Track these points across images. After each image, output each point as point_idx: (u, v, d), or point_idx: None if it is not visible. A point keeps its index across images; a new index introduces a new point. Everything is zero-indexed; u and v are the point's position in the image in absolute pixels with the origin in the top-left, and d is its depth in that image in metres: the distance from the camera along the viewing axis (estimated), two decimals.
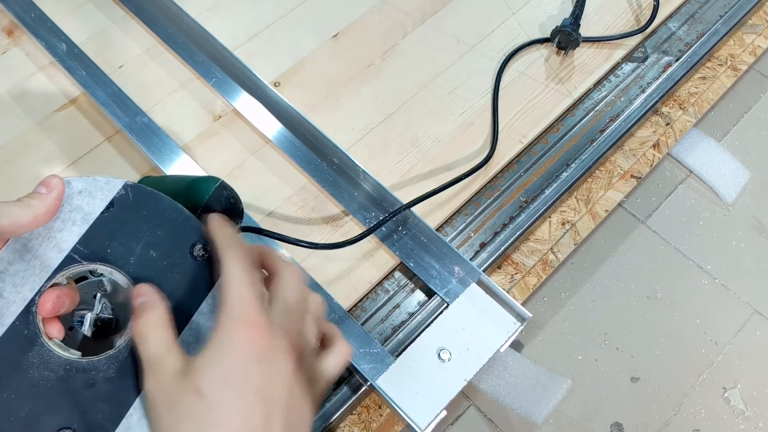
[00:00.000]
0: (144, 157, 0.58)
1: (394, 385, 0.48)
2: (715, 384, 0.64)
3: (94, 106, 0.61)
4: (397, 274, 0.56)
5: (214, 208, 0.37)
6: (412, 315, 0.54)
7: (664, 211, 0.72)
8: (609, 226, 0.70)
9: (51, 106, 0.61)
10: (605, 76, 0.67)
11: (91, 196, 0.33)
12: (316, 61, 0.65)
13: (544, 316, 0.66)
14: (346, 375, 0.52)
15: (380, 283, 0.55)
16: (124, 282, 0.34)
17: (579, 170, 0.61)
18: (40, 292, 0.32)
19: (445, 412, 0.48)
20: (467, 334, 0.50)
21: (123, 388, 0.32)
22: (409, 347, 0.50)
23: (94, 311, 0.35)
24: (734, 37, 0.73)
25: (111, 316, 0.36)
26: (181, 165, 0.57)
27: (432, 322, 0.51)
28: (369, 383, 0.49)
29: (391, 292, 0.55)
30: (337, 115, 0.62)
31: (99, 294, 0.36)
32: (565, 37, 0.65)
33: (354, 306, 0.54)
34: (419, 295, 0.55)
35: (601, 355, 0.65)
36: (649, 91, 0.65)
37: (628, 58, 0.68)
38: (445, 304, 0.53)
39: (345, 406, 0.51)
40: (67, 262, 0.32)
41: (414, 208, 0.55)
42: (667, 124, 0.67)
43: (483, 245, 0.57)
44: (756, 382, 0.64)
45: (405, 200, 0.54)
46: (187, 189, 0.37)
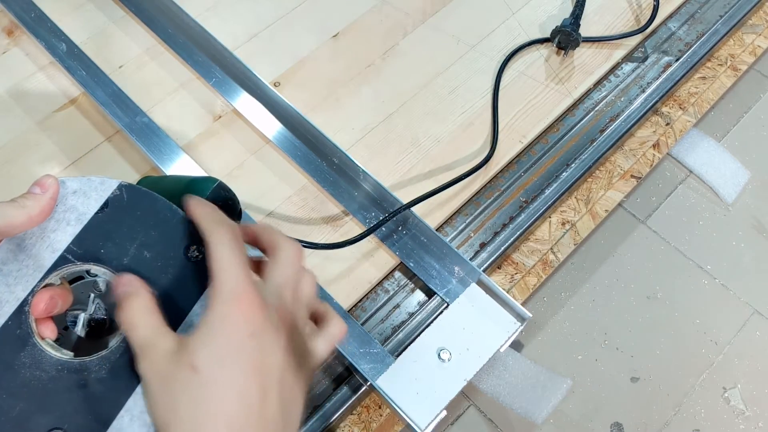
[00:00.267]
0: (144, 157, 0.58)
1: (394, 385, 0.48)
2: (715, 384, 0.64)
3: (94, 106, 0.61)
4: (397, 274, 0.56)
5: None
6: (412, 315, 0.54)
7: (664, 211, 0.72)
8: (609, 226, 0.70)
9: (51, 106, 0.61)
10: (605, 76, 0.67)
11: (86, 196, 0.33)
12: (316, 61, 0.65)
13: (544, 316, 0.66)
14: (346, 375, 0.52)
15: (380, 283, 0.55)
16: None
17: (579, 170, 0.61)
18: (33, 292, 0.32)
19: (445, 412, 0.48)
20: (467, 334, 0.50)
21: (115, 389, 0.32)
22: (409, 347, 0.50)
23: (88, 312, 0.35)
24: (734, 37, 0.73)
25: (104, 317, 0.35)
26: (181, 165, 0.57)
27: (432, 322, 0.51)
28: (369, 383, 0.49)
29: (391, 292, 0.55)
30: (337, 115, 0.62)
31: (93, 295, 0.35)
32: (565, 37, 0.65)
33: (354, 306, 0.54)
34: (419, 295, 0.55)
35: (601, 355, 0.65)
36: (649, 91, 0.65)
37: (628, 58, 0.68)
38: (445, 304, 0.53)
39: (345, 406, 0.51)
40: (61, 262, 0.32)
41: (414, 208, 0.55)
42: (667, 124, 0.67)
43: (483, 245, 0.57)
44: (756, 382, 0.64)
45: (405, 200, 0.54)
46: (185, 189, 0.37)
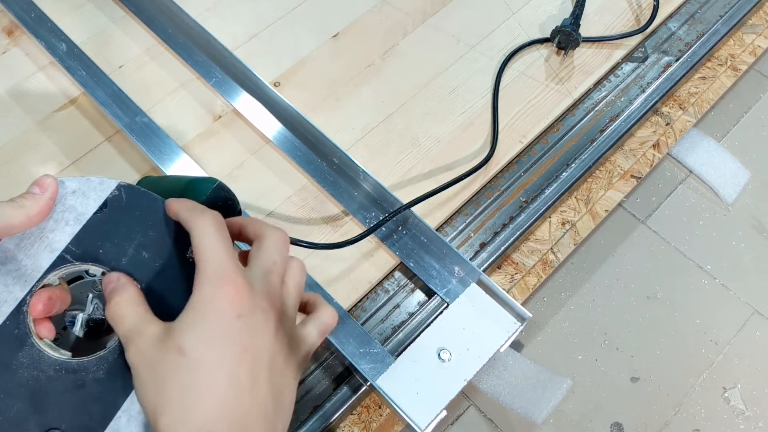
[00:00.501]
0: (144, 157, 0.58)
1: (394, 385, 0.48)
2: (715, 384, 0.64)
3: (94, 106, 0.61)
4: (397, 274, 0.56)
5: (212, 209, 0.37)
6: (412, 315, 0.54)
7: (664, 211, 0.72)
8: (609, 226, 0.70)
9: (51, 106, 0.61)
10: (605, 76, 0.67)
11: (85, 196, 0.33)
12: (316, 61, 0.65)
13: (544, 316, 0.66)
14: (346, 375, 0.52)
15: (380, 283, 0.55)
16: None
17: (579, 170, 0.61)
18: (31, 292, 0.32)
19: (445, 412, 0.48)
20: (467, 334, 0.50)
21: (112, 390, 0.32)
22: (409, 347, 0.50)
23: (86, 312, 0.35)
24: (734, 37, 0.73)
25: (103, 317, 0.35)
26: (181, 165, 0.57)
27: (432, 322, 0.51)
28: (369, 383, 0.49)
29: (391, 292, 0.55)
30: (337, 115, 0.62)
31: (91, 295, 0.35)
32: (565, 37, 0.65)
33: (354, 306, 0.54)
34: (419, 295, 0.55)
35: (601, 355, 0.65)
36: (649, 91, 0.65)
37: (628, 58, 0.68)
38: (445, 304, 0.53)
39: (345, 406, 0.51)
40: (59, 262, 0.32)
41: (414, 208, 0.55)
42: (667, 124, 0.67)
43: (483, 245, 0.57)
44: (756, 382, 0.64)
45: (405, 200, 0.54)
46: (185, 190, 0.37)
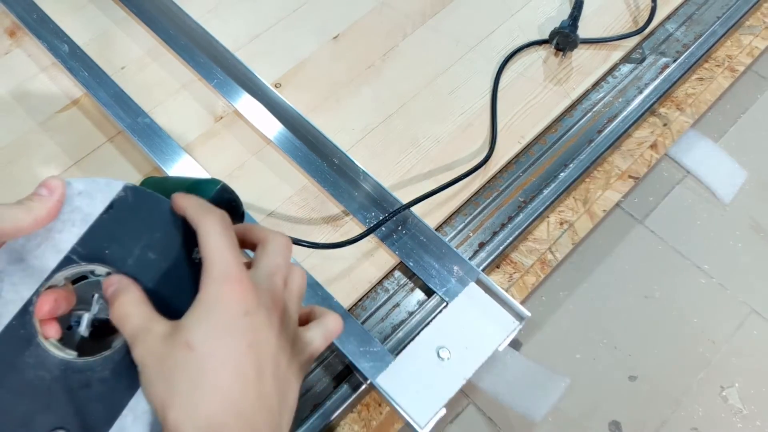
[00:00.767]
0: (146, 158, 0.58)
1: (393, 383, 0.49)
2: (713, 383, 0.64)
3: (96, 107, 0.61)
4: (397, 274, 0.56)
5: None
6: (411, 314, 0.55)
7: (662, 211, 0.72)
8: (607, 226, 0.71)
9: (53, 107, 0.61)
10: (603, 77, 0.67)
11: (91, 197, 0.33)
12: (316, 63, 0.66)
13: (543, 315, 0.67)
14: (346, 373, 0.52)
15: (380, 283, 0.56)
16: None
17: (577, 170, 0.61)
18: (37, 293, 0.32)
19: (444, 411, 0.48)
20: (466, 332, 0.51)
21: (118, 389, 0.32)
22: (409, 346, 0.50)
23: (92, 312, 0.35)
24: (731, 39, 0.73)
25: (108, 317, 0.36)
26: (183, 166, 0.57)
27: (431, 321, 0.52)
28: (369, 381, 0.49)
29: (391, 292, 0.56)
30: (337, 115, 0.63)
31: (97, 295, 0.35)
32: (564, 39, 0.65)
33: (354, 305, 0.55)
34: (419, 294, 0.56)
35: (599, 354, 0.65)
36: (646, 92, 0.66)
37: (626, 59, 0.68)
38: (445, 303, 0.54)
39: (345, 405, 0.51)
40: (66, 262, 0.32)
41: (414, 208, 0.55)
42: (665, 125, 0.67)
43: (482, 245, 0.58)
44: (753, 380, 0.64)
45: (405, 200, 0.55)
46: (188, 191, 0.37)
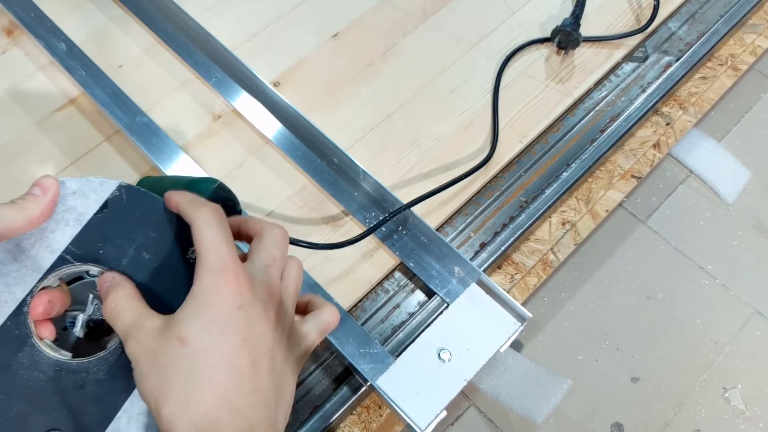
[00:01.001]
0: (144, 157, 0.58)
1: (394, 385, 0.48)
2: (716, 384, 0.64)
3: (93, 106, 0.61)
4: (397, 274, 0.56)
5: None
6: (412, 315, 0.54)
7: (665, 211, 0.72)
8: (609, 226, 0.70)
9: (50, 106, 0.61)
10: (605, 76, 0.67)
11: (85, 196, 0.33)
12: (316, 61, 0.65)
13: (545, 317, 0.66)
14: (346, 375, 0.52)
15: (380, 283, 0.55)
16: None
17: (579, 170, 0.61)
18: (32, 293, 0.32)
19: (445, 413, 0.48)
20: (467, 334, 0.50)
21: (112, 391, 0.32)
22: (409, 347, 0.50)
23: (86, 312, 0.35)
24: (734, 37, 0.73)
25: (103, 318, 0.36)
26: (181, 165, 0.57)
27: (432, 323, 0.51)
28: (369, 383, 0.49)
29: (391, 293, 0.55)
30: (337, 115, 0.62)
31: (92, 295, 0.35)
32: (566, 37, 0.65)
33: (354, 306, 0.54)
34: (419, 295, 0.55)
35: (602, 355, 0.65)
36: (649, 91, 0.65)
37: (629, 57, 0.68)
38: (445, 304, 0.53)
39: (345, 407, 0.50)
40: (60, 262, 0.32)
41: (414, 208, 0.55)
42: (668, 124, 0.67)
43: (483, 245, 0.57)
44: (756, 382, 0.64)
45: (405, 200, 0.54)
46: (185, 190, 0.37)
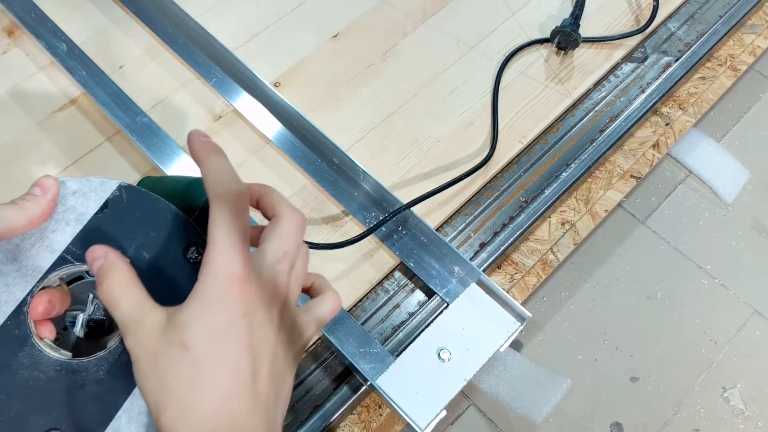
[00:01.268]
0: (144, 158, 0.58)
1: (394, 384, 0.48)
2: (715, 384, 0.64)
3: (94, 107, 0.61)
4: (397, 274, 0.56)
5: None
6: (412, 315, 0.54)
7: (664, 211, 0.72)
8: (609, 226, 0.71)
9: (51, 106, 0.61)
10: (605, 77, 0.67)
11: (85, 196, 0.33)
12: (316, 62, 0.65)
13: (544, 316, 0.66)
14: (346, 375, 0.52)
15: (380, 283, 0.55)
16: None
17: (579, 170, 0.61)
18: (32, 293, 0.32)
19: (445, 412, 0.48)
20: (467, 333, 0.50)
21: (112, 390, 0.32)
22: (409, 347, 0.50)
23: (86, 312, 0.35)
24: (734, 38, 0.73)
25: (103, 317, 0.35)
26: (182, 165, 0.57)
27: (432, 322, 0.51)
28: (369, 383, 0.49)
29: (391, 292, 0.55)
30: (337, 115, 0.62)
31: (92, 295, 0.35)
32: (565, 38, 0.65)
33: (354, 306, 0.54)
34: (419, 295, 0.55)
35: (601, 355, 0.65)
36: (648, 91, 0.65)
37: (628, 58, 0.68)
38: (445, 304, 0.53)
39: (345, 406, 0.51)
40: (60, 262, 0.32)
41: (414, 208, 0.55)
42: (667, 125, 0.67)
43: (483, 245, 0.58)
44: (756, 381, 0.64)
45: (405, 200, 0.54)
46: (185, 190, 0.37)
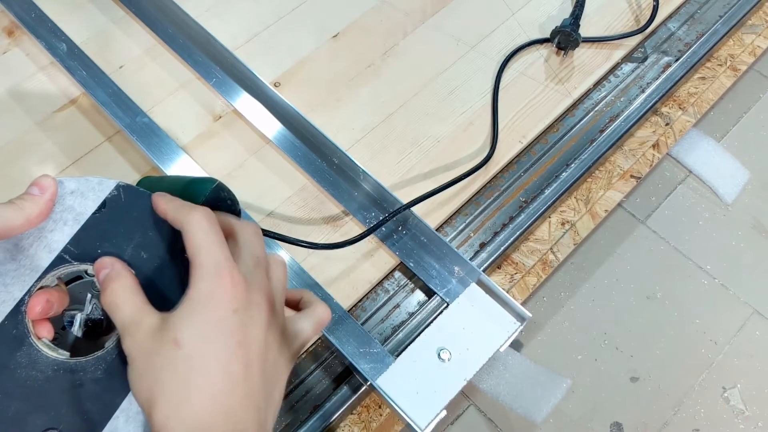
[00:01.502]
0: (144, 158, 0.58)
1: (394, 384, 0.48)
2: (715, 384, 0.64)
3: (94, 107, 0.61)
4: (397, 274, 0.56)
5: (211, 209, 0.37)
6: (412, 315, 0.54)
7: (664, 211, 0.72)
8: (609, 226, 0.71)
9: (51, 106, 0.61)
10: (605, 77, 0.67)
11: (83, 196, 0.33)
12: (316, 62, 0.65)
13: (544, 316, 0.66)
14: (346, 375, 0.52)
15: (380, 283, 0.55)
16: None
17: (579, 170, 0.61)
18: (30, 292, 0.32)
19: (445, 412, 0.48)
20: (467, 333, 0.50)
21: (110, 390, 0.32)
22: (409, 347, 0.50)
23: (84, 312, 0.35)
24: (734, 38, 0.73)
25: (101, 317, 0.36)
26: (182, 165, 0.57)
27: (432, 322, 0.51)
28: (369, 383, 0.49)
29: (391, 292, 0.55)
30: (337, 115, 0.62)
31: (90, 295, 0.36)
32: (565, 38, 0.65)
33: (354, 306, 0.54)
34: (419, 295, 0.55)
35: (601, 355, 0.65)
36: (648, 91, 0.65)
37: (628, 58, 0.68)
38: (445, 304, 0.53)
39: (345, 406, 0.51)
40: (58, 262, 0.32)
41: (414, 208, 0.55)
42: (667, 125, 0.67)
43: (483, 245, 0.58)
44: (755, 381, 0.64)
45: (405, 200, 0.54)
46: (184, 190, 0.37)
